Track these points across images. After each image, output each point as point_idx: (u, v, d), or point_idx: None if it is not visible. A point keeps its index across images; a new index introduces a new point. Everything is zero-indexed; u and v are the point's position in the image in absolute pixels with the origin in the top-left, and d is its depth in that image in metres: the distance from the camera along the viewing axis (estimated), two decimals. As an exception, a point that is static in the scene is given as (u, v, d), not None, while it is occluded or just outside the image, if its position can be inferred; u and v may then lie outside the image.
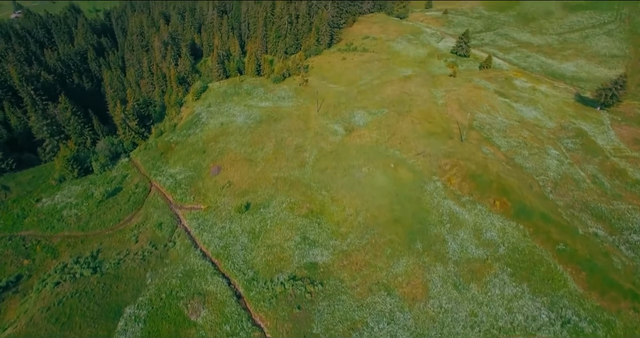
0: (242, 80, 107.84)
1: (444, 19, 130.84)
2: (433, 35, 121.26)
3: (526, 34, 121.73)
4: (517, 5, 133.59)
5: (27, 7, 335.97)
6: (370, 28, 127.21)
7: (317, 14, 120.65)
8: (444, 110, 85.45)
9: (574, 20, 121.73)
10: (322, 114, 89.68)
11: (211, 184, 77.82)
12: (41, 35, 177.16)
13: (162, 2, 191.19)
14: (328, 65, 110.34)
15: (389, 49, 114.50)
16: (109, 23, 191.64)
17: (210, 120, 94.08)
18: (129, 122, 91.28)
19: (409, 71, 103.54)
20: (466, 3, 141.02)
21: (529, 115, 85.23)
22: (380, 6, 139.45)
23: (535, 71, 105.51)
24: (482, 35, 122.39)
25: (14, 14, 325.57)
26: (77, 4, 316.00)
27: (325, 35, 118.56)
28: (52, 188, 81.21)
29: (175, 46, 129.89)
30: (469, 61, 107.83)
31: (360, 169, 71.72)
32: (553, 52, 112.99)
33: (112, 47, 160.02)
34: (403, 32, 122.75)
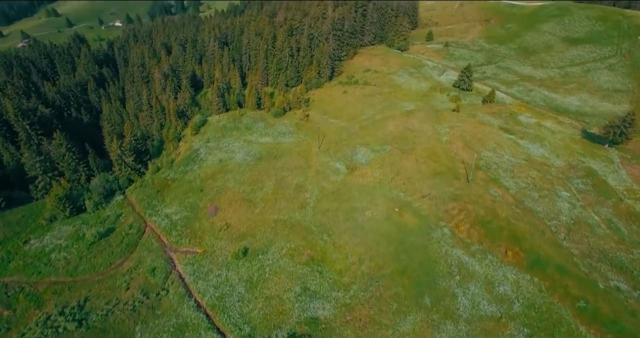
0: (242, 114, 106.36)
1: (445, 51, 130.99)
2: (435, 69, 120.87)
3: (528, 68, 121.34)
4: (517, 38, 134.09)
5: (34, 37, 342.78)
6: (371, 60, 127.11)
7: (318, 47, 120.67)
8: (449, 148, 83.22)
9: (574, 54, 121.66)
10: (324, 151, 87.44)
11: (208, 226, 74.60)
12: (44, 65, 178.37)
13: (164, 32, 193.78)
14: (329, 99, 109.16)
15: (390, 82, 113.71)
16: (111, 53, 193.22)
17: (209, 156, 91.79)
18: (125, 158, 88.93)
19: (411, 106, 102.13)
20: (467, 36, 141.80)
21: (536, 153, 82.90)
22: (381, 38, 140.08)
23: (539, 105, 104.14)
24: (484, 68, 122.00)
25: (21, 42, 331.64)
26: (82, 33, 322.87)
27: (326, 68, 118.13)
28: (42, 228, 77.88)
29: (176, 78, 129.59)
30: (472, 95, 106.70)
31: (364, 213, 68.68)
32: (555, 85, 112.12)
33: (113, 77, 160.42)
34: (404, 65, 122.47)
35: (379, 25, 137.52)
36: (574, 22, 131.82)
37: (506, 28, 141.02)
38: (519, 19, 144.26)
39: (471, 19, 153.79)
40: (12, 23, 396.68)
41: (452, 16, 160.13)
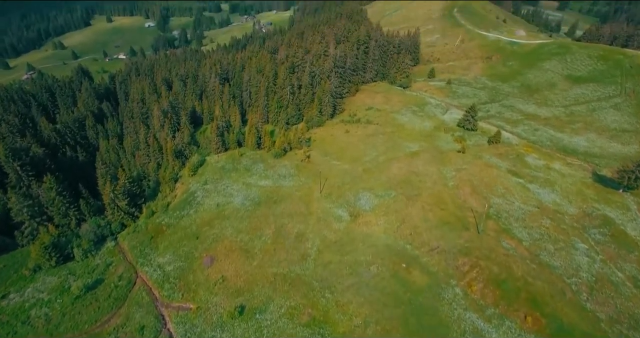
0: (241, 154, 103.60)
1: (448, 89, 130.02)
2: (438, 107, 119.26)
3: (532, 106, 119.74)
4: (519, 76, 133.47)
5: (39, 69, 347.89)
6: (373, 98, 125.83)
7: (319, 85, 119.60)
8: (456, 194, 79.65)
9: (578, 93, 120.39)
10: (325, 196, 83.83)
11: (203, 279, 69.93)
12: (45, 99, 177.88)
13: (166, 67, 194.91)
14: (331, 139, 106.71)
15: (393, 121, 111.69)
16: (112, 87, 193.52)
17: (206, 200, 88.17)
18: (118, 202, 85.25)
19: (415, 146, 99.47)
20: (469, 73, 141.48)
21: (547, 198, 79.21)
22: (383, 75, 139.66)
23: (546, 145, 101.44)
24: (488, 106, 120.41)
25: (26, 74, 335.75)
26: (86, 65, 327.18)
27: (327, 106, 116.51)
28: (24, 280, 73.17)
29: (175, 115, 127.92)
30: (477, 135, 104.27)
31: (368, 267, 64.20)
32: (561, 125, 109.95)
33: (113, 112, 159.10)
34: (407, 103, 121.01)
35: (381, 62, 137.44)
36: (576, 61, 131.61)
37: (508, 65, 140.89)
38: (520, 56, 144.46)
39: (472, 56, 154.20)
40: (19, 55, 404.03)
41: (454, 53, 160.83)
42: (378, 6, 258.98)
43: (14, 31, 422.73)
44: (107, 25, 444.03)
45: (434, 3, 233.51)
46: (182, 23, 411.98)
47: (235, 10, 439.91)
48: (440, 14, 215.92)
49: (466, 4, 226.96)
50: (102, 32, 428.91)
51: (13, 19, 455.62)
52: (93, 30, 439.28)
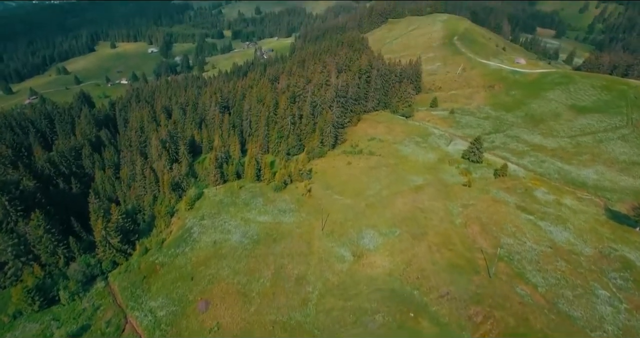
0: (240, 187, 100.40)
1: (451, 119, 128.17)
2: (441, 138, 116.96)
3: (537, 136, 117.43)
4: (523, 106, 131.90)
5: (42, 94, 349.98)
6: (375, 128, 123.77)
7: (321, 115, 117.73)
8: (464, 233, 75.89)
9: (584, 123, 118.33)
10: (327, 234, 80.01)
11: (196, 325, 65.35)
12: (44, 125, 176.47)
13: (167, 94, 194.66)
14: (333, 171, 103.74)
15: (396, 152, 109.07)
16: (112, 113, 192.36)
17: (203, 236, 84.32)
18: (110, 240, 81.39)
19: (419, 180, 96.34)
20: (472, 102, 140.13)
21: (560, 237, 75.36)
22: (384, 104, 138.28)
23: (554, 178, 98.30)
24: (492, 137, 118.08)
25: (28, 99, 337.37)
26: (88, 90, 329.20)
27: (329, 137, 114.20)
28: (2, 327, 68.48)
29: (174, 144, 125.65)
30: (483, 168, 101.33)
31: (374, 316, 59.74)
32: (568, 156, 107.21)
33: (112, 139, 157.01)
34: (410, 133, 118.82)
35: (383, 91, 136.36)
36: (579, 91, 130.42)
37: (511, 95, 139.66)
38: (523, 86, 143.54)
39: (475, 84, 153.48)
40: (23, 80, 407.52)
41: (455, 81, 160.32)
42: (378, 34, 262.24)
43: (19, 57, 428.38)
44: (111, 51, 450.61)
45: (434, 31, 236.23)
46: (185, 49, 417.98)
47: (237, 37, 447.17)
48: (441, 42, 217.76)
49: (466, 33, 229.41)
50: (106, 58, 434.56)
51: (20, 45, 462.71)
52: (97, 56, 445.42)
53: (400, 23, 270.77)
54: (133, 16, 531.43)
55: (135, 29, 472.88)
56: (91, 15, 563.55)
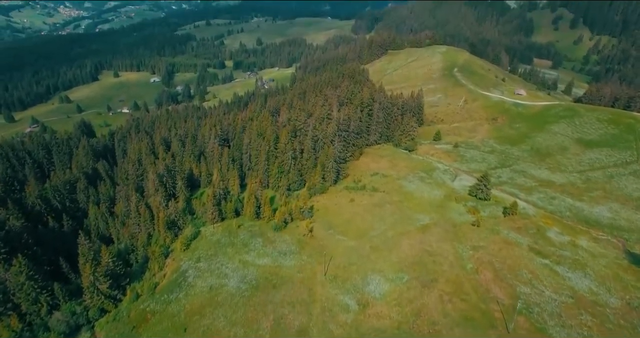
0: (239, 225, 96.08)
1: (456, 153, 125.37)
2: (446, 173, 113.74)
3: (544, 171, 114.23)
4: (528, 139, 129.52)
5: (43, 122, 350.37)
6: (378, 162, 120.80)
7: (322, 149, 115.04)
8: (477, 280, 71.04)
9: (592, 158, 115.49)
10: (330, 280, 75.09)
11: (186, 386, 59.38)
12: (41, 156, 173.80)
13: (166, 124, 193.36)
14: (335, 208, 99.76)
15: (400, 188, 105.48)
16: (111, 144, 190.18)
17: (198, 280, 79.27)
18: (99, 285, 76.29)
19: (426, 218, 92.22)
20: (475, 135, 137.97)
21: (581, 285, 70.45)
22: (387, 137, 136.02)
23: (565, 216, 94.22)
24: (499, 172, 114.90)
25: (29, 128, 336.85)
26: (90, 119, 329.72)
27: (331, 172, 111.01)
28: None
29: (171, 179, 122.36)
30: (491, 205, 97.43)
31: (384, 380, 54.15)
32: (579, 192, 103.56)
33: (109, 171, 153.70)
34: (414, 168, 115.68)
35: (385, 124, 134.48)
36: (585, 124, 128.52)
37: (515, 128, 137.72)
38: (526, 118, 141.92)
39: (477, 117, 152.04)
40: (26, 108, 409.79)
41: (458, 113, 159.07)
42: (378, 65, 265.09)
43: (24, 86, 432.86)
44: (114, 80, 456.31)
45: (434, 63, 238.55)
46: (187, 78, 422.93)
47: (238, 67, 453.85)
48: (441, 73, 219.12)
49: (465, 64, 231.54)
50: (108, 87, 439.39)
51: (26, 74, 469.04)
52: (100, 85, 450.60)
53: (399, 54, 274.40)
54: (137, 46, 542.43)
55: (139, 59, 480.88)
56: (96, 46, 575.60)
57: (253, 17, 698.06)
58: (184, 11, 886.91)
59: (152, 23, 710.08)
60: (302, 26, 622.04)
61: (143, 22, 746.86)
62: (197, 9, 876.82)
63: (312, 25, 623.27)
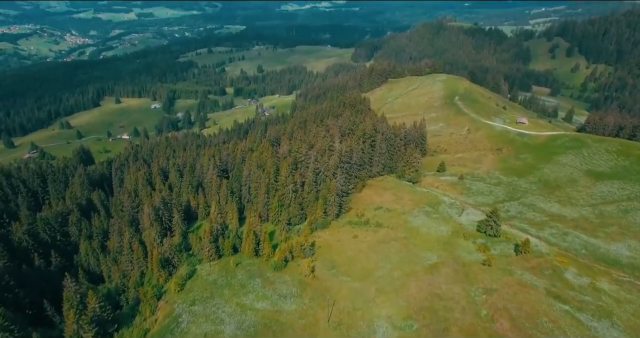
0: (237, 264, 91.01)
1: (461, 185, 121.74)
2: (453, 207, 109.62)
3: (554, 205, 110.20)
4: (535, 171, 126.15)
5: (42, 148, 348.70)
6: (382, 195, 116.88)
7: (324, 182, 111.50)
8: (493, 329, 65.64)
9: (604, 191, 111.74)
10: (334, 327, 69.62)
11: None
12: (36, 185, 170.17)
13: (165, 153, 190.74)
14: (338, 245, 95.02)
15: (405, 224, 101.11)
16: (108, 172, 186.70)
17: (192, 326, 73.62)
18: (83, 334, 70.56)
19: (433, 257, 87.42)
20: (480, 166, 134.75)
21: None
22: (390, 168, 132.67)
23: (581, 254, 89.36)
24: (507, 205, 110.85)
25: (28, 154, 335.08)
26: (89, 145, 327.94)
27: (333, 206, 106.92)
28: None
29: (167, 212, 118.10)
30: (502, 242, 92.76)
31: None
32: (593, 228, 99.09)
33: (105, 201, 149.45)
34: (419, 202, 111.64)
35: (388, 155, 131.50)
36: (594, 155, 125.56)
37: (521, 159, 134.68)
38: (532, 149, 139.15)
39: (481, 147, 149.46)
40: (27, 134, 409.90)
41: (461, 143, 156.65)
42: (379, 94, 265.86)
43: (25, 111, 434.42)
44: (115, 106, 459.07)
45: (435, 91, 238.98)
46: (187, 105, 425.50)
47: (239, 94, 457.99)
48: (442, 101, 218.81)
49: (466, 92, 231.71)
50: (109, 113, 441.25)
51: (29, 100, 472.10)
52: (101, 111, 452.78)
53: (400, 83, 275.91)
54: (139, 73, 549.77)
55: (141, 85, 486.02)
56: (99, 72, 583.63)
57: (254, 45, 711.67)
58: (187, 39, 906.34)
59: (155, 50, 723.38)
60: (303, 54, 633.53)
61: (146, 49, 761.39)
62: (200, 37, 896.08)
63: (312, 53, 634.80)
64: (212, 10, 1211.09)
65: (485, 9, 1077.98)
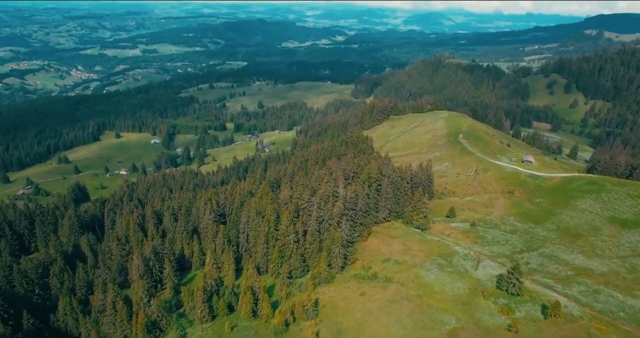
0: (232, 327, 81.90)
1: (474, 233, 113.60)
2: (467, 258, 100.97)
3: (579, 256, 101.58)
4: (552, 217, 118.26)
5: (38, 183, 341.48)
6: (390, 245, 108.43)
7: (328, 232, 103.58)
8: None
9: (632, 241, 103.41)
10: None
11: None
12: (22, 227, 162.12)
13: (160, 194, 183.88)
14: (344, 305, 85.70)
15: (417, 279, 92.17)
16: (101, 213, 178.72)
17: None
18: None
19: (451, 321, 78.12)
20: (492, 211, 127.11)
21: None
22: (396, 214, 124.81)
23: (619, 318, 79.82)
24: (526, 256, 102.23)
25: (22, 189, 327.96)
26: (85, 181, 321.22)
27: (338, 258, 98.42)
28: None
29: (159, 262, 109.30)
30: (526, 302, 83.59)
31: None
32: (627, 285, 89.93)
33: (93, 246, 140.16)
34: (430, 252, 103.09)
35: (395, 199, 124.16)
36: (615, 200, 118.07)
37: (536, 203, 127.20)
38: (547, 192, 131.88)
39: (491, 189, 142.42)
40: (24, 168, 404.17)
41: (469, 185, 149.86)
42: (381, 131, 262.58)
43: (24, 146, 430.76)
44: (115, 140, 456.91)
45: (438, 129, 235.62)
46: (187, 140, 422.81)
47: (239, 129, 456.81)
48: (446, 140, 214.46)
49: (470, 130, 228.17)
50: (108, 147, 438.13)
51: (29, 134, 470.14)
52: (100, 145, 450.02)
53: (402, 120, 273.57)
54: (140, 108, 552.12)
55: (141, 120, 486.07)
56: (101, 107, 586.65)
57: (255, 81, 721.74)
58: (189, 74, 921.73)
59: (157, 85, 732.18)
60: (303, 90, 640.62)
61: (149, 84, 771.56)
62: (202, 73, 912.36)
63: (312, 89, 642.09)
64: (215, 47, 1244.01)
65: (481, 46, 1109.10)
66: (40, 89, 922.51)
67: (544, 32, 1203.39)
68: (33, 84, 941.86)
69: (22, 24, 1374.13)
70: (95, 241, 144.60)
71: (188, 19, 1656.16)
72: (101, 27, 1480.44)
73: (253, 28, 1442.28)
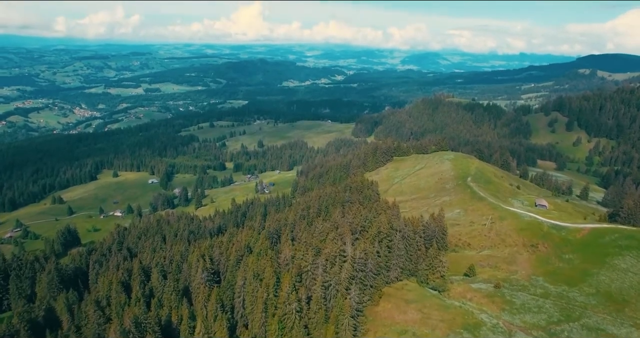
0: None
1: (500, 297, 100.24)
2: (497, 330, 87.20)
3: (631, 330, 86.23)
4: (588, 278, 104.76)
5: (27, 225, 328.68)
6: (404, 312, 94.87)
7: (334, 298, 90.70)
8: None
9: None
10: None
11: None
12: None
13: (152, 244, 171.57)
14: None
15: (442, 360, 78.29)
16: (86, 265, 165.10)
17: None
18: None
19: None
20: (517, 269, 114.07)
21: None
22: (409, 272, 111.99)
23: None
24: (565, 328, 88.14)
25: (10, 232, 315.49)
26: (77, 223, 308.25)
27: (347, 331, 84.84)
28: None
29: (140, 334, 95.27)
30: (576, 395, 69.52)
31: None
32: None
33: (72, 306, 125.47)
34: (453, 323, 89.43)
35: (407, 256, 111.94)
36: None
37: (565, 260, 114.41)
38: (576, 247, 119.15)
39: (512, 242, 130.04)
40: (16, 209, 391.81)
41: (485, 236, 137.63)
42: (385, 173, 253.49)
43: (19, 185, 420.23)
44: (112, 180, 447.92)
45: (444, 171, 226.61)
46: (185, 180, 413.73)
47: (238, 169, 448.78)
48: (454, 183, 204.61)
49: (478, 172, 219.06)
50: (105, 187, 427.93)
51: (25, 172, 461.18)
52: (96, 185, 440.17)
53: (406, 161, 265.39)
54: (140, 146, 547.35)
55: (140, 158, 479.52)
56: (101, 145, 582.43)
57: (255, 120, 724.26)
58: (190, 113, 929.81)
59: (157, 124, 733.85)
60: (303, 129, 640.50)
61: (150, 122, 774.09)
62: (203, 111, 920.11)
63: (312, 128, 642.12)
64: (217, 86, 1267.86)
65: (478, 84, 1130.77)
66: (43, 127, 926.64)
67: (538, 70, 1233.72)
68: (36, 121, 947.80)
69: (31, 64, 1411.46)
70: (75, 300, 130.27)
71: (191, 59, 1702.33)
72: (107, 66, 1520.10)
73: (254, 68, 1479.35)
